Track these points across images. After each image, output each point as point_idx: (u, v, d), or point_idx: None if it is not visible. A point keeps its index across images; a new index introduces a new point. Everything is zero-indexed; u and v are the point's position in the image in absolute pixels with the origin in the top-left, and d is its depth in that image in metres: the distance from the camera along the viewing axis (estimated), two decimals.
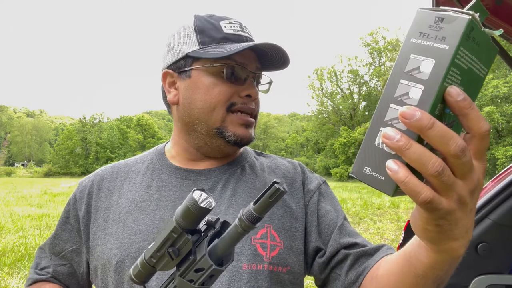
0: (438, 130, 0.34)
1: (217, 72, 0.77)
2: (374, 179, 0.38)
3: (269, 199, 0.41)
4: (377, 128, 0.38)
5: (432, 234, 0.41)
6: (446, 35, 0.35)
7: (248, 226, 0.43)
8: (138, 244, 0.74)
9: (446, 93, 0.35)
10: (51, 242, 0.88)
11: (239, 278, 0.70)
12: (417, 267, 0.50)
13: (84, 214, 0.83)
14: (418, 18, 0.37)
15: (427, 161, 0.35)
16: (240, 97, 0.78)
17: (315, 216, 0.81)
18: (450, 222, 0.39)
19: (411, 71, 0.37)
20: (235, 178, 0.82)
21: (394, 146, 0.35)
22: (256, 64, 0.81)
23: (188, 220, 0.43)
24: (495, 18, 1.53)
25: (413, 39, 0.37)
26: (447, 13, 0.36)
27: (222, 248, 0.45)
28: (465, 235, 0.41)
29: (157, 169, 0.85)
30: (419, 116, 0.34)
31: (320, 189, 0.85)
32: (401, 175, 0.36)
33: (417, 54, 0.36)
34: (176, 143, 0.87)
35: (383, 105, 0.38)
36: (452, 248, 0.42)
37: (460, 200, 0.37)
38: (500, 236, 1.68)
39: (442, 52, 0.35)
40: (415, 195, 0.36)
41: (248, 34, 0.81)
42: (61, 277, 0.87)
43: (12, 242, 6.04)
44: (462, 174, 0.37)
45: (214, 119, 0.77)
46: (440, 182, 0.36)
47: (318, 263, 0.78)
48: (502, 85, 26.63)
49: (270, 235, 0.75)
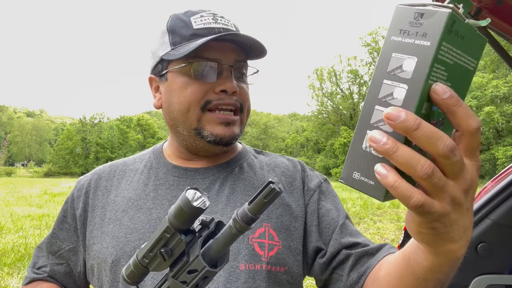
0: (425, 130, 0.33)
1: (188, 71, 0.75)
2: (363, 184, 0.37)
3: (264, 199, 0.40)
4: (364, 131, 0.37)
5: (428, 237, 0.40)
6: (427, 31, 0.34)
7: (243, 227, 0.42)
8: (133, 242, 0.73)
9: (431, 90, 0.34)
10: (48, 241, 0.88)
11: (236, 279, 0.70)
12: (416, 270, 0.49)
13: (81, 213, 0.82)
14: (397, 14, 0.36)
15: (416, 164, 0.33)
16: (215, 93, 0.75)
17: (316, 215, 0.79)
18: (445, 225, 0.37)
19: (393, 70, 0.35)
20: (233, 176, 0.81)
21: (380, 150, 0.34)
22: (233, 56, 0.76)
23: (181, 220, 0.42)
24: (495, 18, 1.52)
25: (393, 37, 0.36)
26: (426, 8, 0.34)
27: (216, 249, 0.44)
28: (464, 235, 0.39)
29: (154, 167, 0.84)
30: (404, 117, 0.33)
31: (321, 188, 0.84)
32: (390, 179, 0.34)
33: (399, 52, 0.35)
34: (170, 143, 0.87)
35: (368, 107, 0.37)
36: (450, 250, 0.40)
37: (453, 201, 0.36)
38: (500, 236, 1.68)
39: (424, 49, 0.34)
40: (405, 200, 0.35)
41: (223, 25, 0.77)
42: (58, 276, 0.86)
43: (12, 242, 6.03)
44: (454, 174, 0.35)
45: (190, 120, 0.76)
46: (430, 185, 0.34)
47: (319, 264, 0.76)
48: (502, 85, 26.64)
49: (268, 234, 0.74)
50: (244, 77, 0.81)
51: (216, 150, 0.80)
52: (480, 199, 1.81)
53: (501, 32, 1.64)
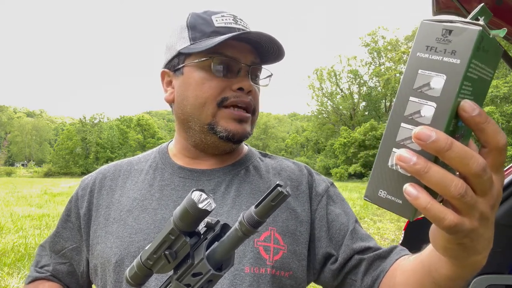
0: (457, 151, 0.32)
1: (207, 67, 0.75)
2: (391, 203, 0.36)
3: (272, 202, 0.40)
4: (389, 149, 0.36)
5: (455, 252, 0.40)
6: (456, 49, 0.33)
7: (249, 230, 0.41)
8: (138, 243, 0.73)
9: (460, 108, 0.34)
10: (51, 240, 0.87)
11: (240, 282, 0.69)
12: (437, 279, 0.49)
13: (85, 212, 0.82)
14: (423, 30, 0.35)
15: (449, 184, 0.33)
16: (232, 91, 0.75)
17: (325, 220, 0.79)
18: (472, 239, 0.37)
19: (420, 87, 0.34)
20: (238, 179, 0.81)
21: (411, 170, 0.33)
22: (251, 57, 0.78)
23: (186, 222, 0.42)
24: (495, 18, 1.52)
25: (419, 53, 0.35)
26: (455, 25, 0.33)
27: (221, 253, 0.44)
28: (487, 246, 0.40)
29: (159, 167, 0.84)
30: (435, 137, 0.32)
31: (329, 192, 0.83)
32: (422, 200, 0.34)
33: (426, 69, 0.34)
34: (177, 141, 0.87)
35: (393, 125, 0.36)
36: (475, 262, 0.41)
37: (482, 217, 0.36)
38: (500, 236, 1.67)
39: (453, 66, 0.33)
40: (439, 221, 0.34)
41: (242, 26, 0.78)
42: (61, 275, 0.86)
43: (12, 242, 6.02)
44: (483, 191, 0.35)
45: (205, 115, 0.76)
46: (462, 203, 0.34)
47: (330, 270, 0.76)
48: (502, 85, 26.62)
49: (273, 238, 0.74)
50: (258, 79, 0.82)
51: (226, 147, 0.80)
52: None
53: None
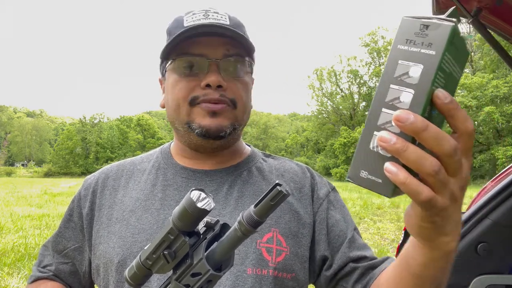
0: (432, 131, 0.36)
1: (176, 68, 0.76)
2: (371, 182, 0.39)
3: (271, 202, 0.39)
4: (371, 132, 0.39)
5: (427, 231, 0.43)
6: (432, 41, 0.37)
7: (248, 230, 0.41)
8: (141, 243, 0.73)
9: (434, 95, 0.37)
10: (54, 240, 0.87)
11: (243, 283, 0.69)
12: (413, 267, 0.52)
13: (88, 212, 0.82)
14: (404, 25, 0.39)
15: (425, 161, 0.36)
16: (202, 89, 0.74)
17: (325, 224, 0.79)
18: (443, 218, 0.41)
19: (400, 76, 0.38)
20: (241, 180, 0.81)
21: (391, 149, 0.36)
22: (222, 50, 0.74)
23: (185, 222, 0.42)
24: (495, 18, 1.52)
25: (400, 45, 0.39)
26: (432, 21, 0.37)
27: (221, 253, 0.44)
28: (455, 229, 0.44)
29: (162, 167, 0.84)
30: (413, 119, 0.35)
31: (329, 197, 0.83)
32: (401, 176, 0.37)
33: (405, 60, 0.38)
34: (174, 142, 0.88)
35: (375, 110, 0.39)
36: (444, 243, 0.44)
37: (452, 197, 0.39)
38: (500, 236, 1.68)
39: (430, 57, 0.37)
40: (416, 195, 0.37)
41: (214, 20, 0.74)
42: (63, 275, 0.86)
43: (12, 242, 6.02)
44: (454, 171, 0.38)
45: (182, 116, 0.76)
46: (436, 181, 0.37)
47: (325, 276, 0.77)
48: (502, 85, 26.63)
49: (276, 239, 0.74)
50: (238, 72, 0.77)
51: (208, 144, 0.78)
52: (480, 199, 1.81)
53: (501, 32, 1.65)
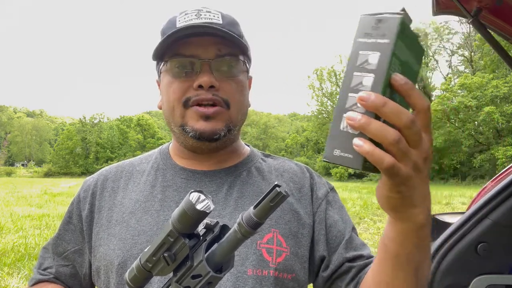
0: (391, 106, 0.41)
1: (169, 70, 0.76)
2: (344, 158, 0.43)
3: (270, 203, 0.40)
4: (340, 115, 0.44)
5: (394, 201, 0.47)
6: (385, 32, 0.42)
7: (248, 231, 0.41)
8: (141, 245, 0.73)
9: (391, 79, 0.42)
10: (54, 242, 0.87)
11: (243, 284, 0.69)
12: (389, 247, 0.54)
13: (88, 214, 0.82)
14: (361, 22, 0.44)
15: (386, 133, 0.41)
16: (194, 90, 0.74)
17: (323, 224, 0.79)
18: (409, 188, 0.45)
19: (361, 64, 0.43)
20: (241, 180, 0.81)
21: (357, 125, 0.41)
22: (214, 50, 0.74)
23: (184, 224, 0.42)
24: (495, 18, 1.52)
25: (359, 39, 0.44)
26: (383, 15, 0.43)
27: (221, 254, 0.44)
28: (424, 202, 0.48)
29: (161, 168, 0.84)
30: (373, 97, 0.41)
31: (328, 197, 0.83)
32: (366, 147, 0.41)
33: (364, 50, 0.43)
34: (172, 142, 0.88)
35: (342, 96, 0.45)
36: (413, 214, 0.48)
37: (415, 167, 0.44)
38: (500, 236, 1.67)
39: (384, 45, 0.42)
40: (380, 162, 0.41)
41: (206, 20, 0.73)
42: (64, 278, 0.86)
43: (12, 242, 6.02)
44: (414, 143, 0.43)
45: (176, 118, 0.76)
46: (398, 149, 0.42)
47: (322, 277, 0.77)
48: (502, 85, 26.61)
49: (276, 240, 0.74)
50: (231, 71, 0.76)
51: (203, 146, 0.78)
52: (480, 199, 1.81)
53: (501, 32, 1.64)
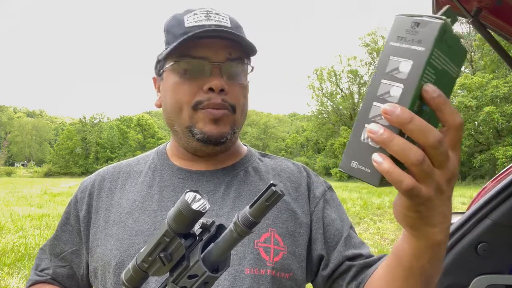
0: (417, 123, 0.37)
1: (178, 70, 0.75)
2: (361, 172, 0.41)
3: (266, 202, 0.39)
4: (362, 125, 0.41)
5: (412, 220, 0.44)
6: (422, 38, 0.38)
7: (244, 231, 0.41)
8: (138, 245, 0.73)
9: (423, 90, 0.38)
10: (51, 243, 0.87)
11: (241, 283, 0.69)
12: (403, 258, 0.52)
13: (85, 215, 0.82)
14: (396, 23, 0.40)
15: (409, 152, 0.37)
16: (204, 93, 0.73)
17: (321, 223, 0.79)
18: (428, 209, 0.42)
19: (391, 71, 0.40)
20: (238, 180, 0.81)
21: (378, 139, 0.38)
22: (224, 54, 0.74)
23: (180, 224, 0.42)
24: (495, 18, 1.52)
25: (391, 42, 0.40)
26: (422, 18, 0.39)
27: (217, 254, 0.44)
28: (443, 221, 0.44)
29: (158, 169, 0.84)
30: (399, 111, 0.37)
31: (325, 196, 0.84)
32: (385, 165, 0.38)
33: (396, 56, 0.40)
34: (172, 143, 0.87)
35: (367, 104, 0.41)
36: (431, 233, 0.45)
37: (437, 188, 0.40)
38: (500, 236, 1.67)
39: (419, 53, 0.38)
40: (398, 184, 0.39)
41: (216, 22, 0.74)
42: (61, 278, 0.86)
43: (12, 242, 6.03)
44: (440, 163, 0.40)
45: (183, 119, 0.76)
46: (420, 171, 0.38)
47: (322, 276, 0.77)
48: (502, 85, 26.61)
49: (273, 239, 0.74)
50: (239, 75, 0.77)
51: (208, 150, 0.79)
52: (480, 199, 1.80)
53: (501, 32, 1.64)
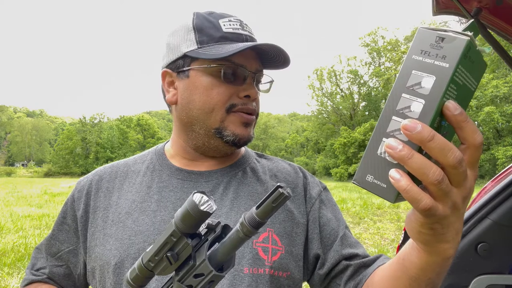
0: (438, 142, 0.37)
1: (215, 73, 0.76)
2: (376, 186, 0.40)
3: (273, 203, 0.40)
4: (380, 138, 0.40)
5: (426, 237, 0.44)
6: (447, 54, 0.37)
7: (250, 231, 0.42)
8: (138, 245, 0.73)
9: (444, 107, 0.38)
10: (47, 243, 0.87)
11: (240, 282, 0.70)
12: (410, 269, 0.52)
13: (82, 214, 0.82)
14: (420, 36, 0.39)
15: (428, 170, 0.37)
16: (239, 98, 0.77)
17: (317, 223, 0.81)
18: (443, 226, 0.42)
19: (412, 86, 0.39)
20: (236, 181, 0.82)
21: (396, 156, 0.38)
22: (256, 64, 0.79)
23: (187, 224, 0.42)
24: (495, 18, 1.52)
25: (414, 56, 0.39)
26: (447, 33, 0.38)
27: (223, 254, 0.44)
28: (455, 237, 0.44)
29: (157, 169, 0.84)
30: (420, 128, 0.37)
31: (321, 196, 0.85)
32: (403, 183, 0.38)
33: (419, 70, 0.39)
34: (175, 142, 0.86)
35: (385, 117, 0.40)
36: (443, 249, 0.45)
37: (454, 206, 0.40)
38: (500, 236, 1.67)
39: (443, 69, 0.37)
40: (416, 202, 0.38)
41: (248, 32, 0.79)
42: (57, 278, 0.86)
43: (12, 242, 6.03)
44: (458, 182, 0.39)
45: (213, 120, 0.77)
46: (438, 190, 0.38)
47: (319, 275, 0.78)
48: (502, 85, 26.59)
49: (271, 239, 0.75)
50: (260, 85, 0.83)
51: (229, 150, 0.82)
52: (480, 199, 1.81)
53: (501, 32, 1.64)
